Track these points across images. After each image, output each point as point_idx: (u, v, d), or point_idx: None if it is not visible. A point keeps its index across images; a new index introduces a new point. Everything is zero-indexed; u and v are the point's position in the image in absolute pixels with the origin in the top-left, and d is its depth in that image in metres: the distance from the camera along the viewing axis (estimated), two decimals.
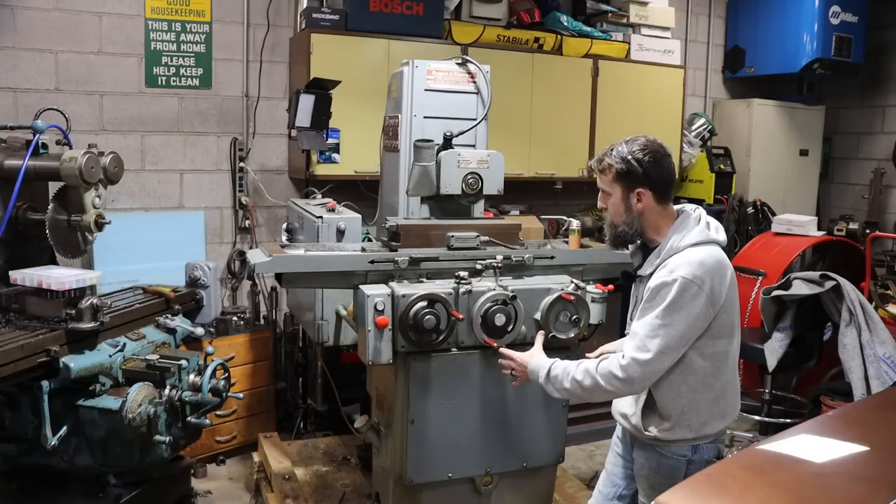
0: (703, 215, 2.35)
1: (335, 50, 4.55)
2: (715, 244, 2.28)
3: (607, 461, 2.63)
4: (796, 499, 1.86)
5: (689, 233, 2.26)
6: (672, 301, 2.16)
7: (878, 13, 6.27)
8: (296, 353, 4.77)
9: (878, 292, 4.73)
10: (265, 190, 4.98)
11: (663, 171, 2.29)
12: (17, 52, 4.35)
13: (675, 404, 2.27)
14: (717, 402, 2.31)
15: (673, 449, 2.32)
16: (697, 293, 2.16)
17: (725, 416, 2.35)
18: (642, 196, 2.28)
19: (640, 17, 5.64)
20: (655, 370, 2.20)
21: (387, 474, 3.04)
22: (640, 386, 2.23)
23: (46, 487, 3.15)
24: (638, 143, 2.29)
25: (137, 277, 4.03)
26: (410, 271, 2.89)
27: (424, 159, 3.14)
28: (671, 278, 2.17)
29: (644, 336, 2.19)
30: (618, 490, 2.55)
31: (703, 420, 2.29)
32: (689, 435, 2.29)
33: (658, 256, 2.28)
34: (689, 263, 2.18)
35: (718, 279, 2.21)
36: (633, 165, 2.26)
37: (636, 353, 2.19)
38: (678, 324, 2.17)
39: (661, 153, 2.29)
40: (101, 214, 3.13)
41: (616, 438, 2.61)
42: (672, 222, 2.32)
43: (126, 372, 3.04)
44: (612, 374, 2.21)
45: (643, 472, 2.40)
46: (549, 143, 5.28)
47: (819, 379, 5.10)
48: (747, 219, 5.89)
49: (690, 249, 2.23)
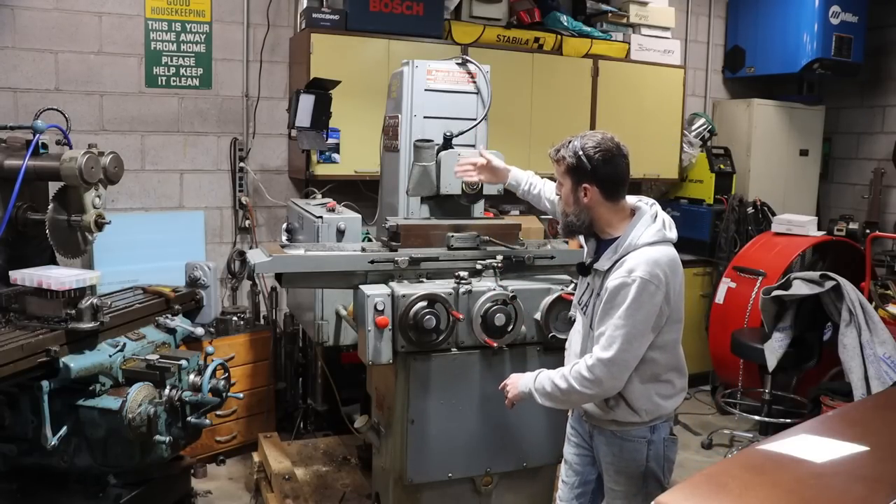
0: (658, 212, 2.41)
1: (335, 50, 4.56)
2: (669, 243, 2.35)
3: (565, 452, 2.69)
4: (796, 499, 1.86)
5: (646, 231, 2.32)
6: (632, 301, 2.23)
7: (878, 13, 6.27)
8: (296, 353, 4.77)
9: (878, 292, 4.73)
10: (265, 190, 4.98)
11: (613, 169, 2.33)
12: (17, 52, 4.35)
13: (631, 393, 2.34)
14: (669, 385, 2.41)
15: (633, 432, 2.40)
16: (655, 292, 2.24)
17: (676, 397, 2.44)
18: (588, 191, 2.34)
19: (640, 17, 5.64)
20: (621, 368, 2.27)
21: (387, 474, 3.04)
22: (609, 385, 2.29)
23: (46, 487, 3.15)
24: (593, 139, 2.34)
25: (137, 277, 4.04)
26: (410, 271, 2.89)
27: (424, 159, 3.14)
28: (630, 279, 2.23)
29: (608, 336, 2.26)
30: (581, 477, 2.62)
31: (657, 403, 2.38)
32: (646, 418, 2.38)
33: (615, 252, 2.33)
34: (647, 263, 2.25)
35: (673, 276, 2.30)
36: (583, 161, 2.32)
37: (600, 352, 2.27)
38: (639, 322, 2.24)
39: (613, 152, 2.33)
40: (101, 214, 3.12)
41: (570, 428, 2.67)
42: (625, 217, 2.38)
43: (126, 372, 3.04)
44: (581, 374, 2.29)
45: (607, 459, 2.47)
46: (549, 143, 5.11)
47: (819, 379, 5.11)
48: (747, 219, 5.88)
49: (647, 248, 2.29)
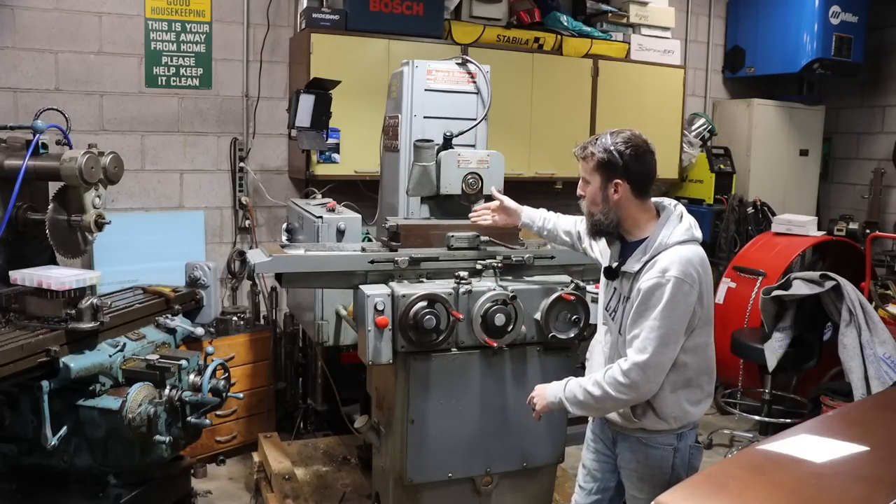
0: (683, 212, 2.38)
1: (335, 50, 4.55)
2: (698, 242, 2.33)
3: (584, 457, 2.65)
4: (796, 499, 1.86)
5: (676, 230, 2.30)
6: (668, 301, 2.19)
7: (878, 13, 6.27)
8: (296, 353, 4.77)
9: (878, 292, 4.73)
10: (265, 190, 4.98)
11: (643, 165, 2.31)
12: (17, 52, 4.35)
13: (661, 401, 2.30)
14: (698, 391, 2.37)
15: (659, 439, 2.36)
16: (689, 291, 2.21)
17: (704, 402, 2.40)
18: (619, 187, 2.31)
19: (640, 17, 5.64)
20: (657, 370, 2.23)
21: (387, 474, 3.04)
22: (645, 389, 2.24)
23: (46, 487, 3.15)
24: (622, 135, 2.32)
25: (137, 277, 4.04)
26: (410, 271, 2.89)
27: (424, 159, 3.14)
28: (665, 279, 2.20)
29: (643, 338, 2.22)
30: (599, 484, 2.58)
31: (686, 409, 2.34)
32: (674, 426, 2.34)
33: (644, 252, 2.29)
34: (681, 262, 2.22)
35: (705, 276, 2.27)
36: (615, 157, 2.29)
37: (636, 355, 2.22)
38: (675, 323, 2.21)
39: (643, 148, 2.32)
40: (101, 214, 3.12)
41: (591, 434, 2.63)
42: (652, 217, 2.36)
43: (126, 372, 3.04)
44: (616, 380, 2.24)
45: (630, 466, 2.43)
46: (549, 143, 5.27)
47: (819, 379, 5.11)
48: (747, 219, 5.88)
49: (678, 247, 2.26)
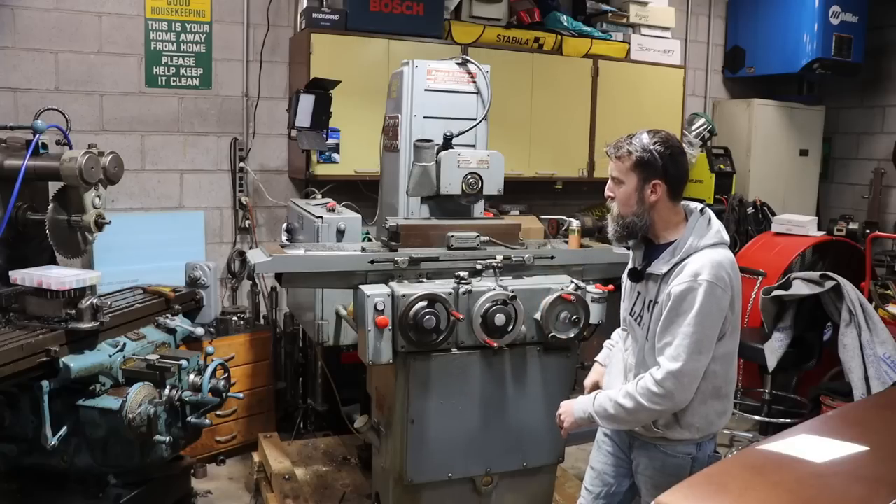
0: (712, 216, 2.34)
1: (335, 50, 4.55)
2: (726, 246, 2.29)
3: (593, 460, 2.61)
4: (796, 499, 1.86)
5: (707, 233, 2.26)
6: (701, 306, 2.15)
7: (878, 13, 6.27)
8: (296, 353, 4.77)
9: (878, 292, 4.72)
10: (265, 190, 4.98)
11: (680, 167, 2.30)
12: (17, 52, 4.35)
13: (688, 409, 2.25)
14: (726, 401, 2.33)
15: (679, 448, 2.31)
16: (722, 295, 2.17)
17: (727, 413, 2.36)
18: (657, 188, 2.27)
19: (640, 17, 5.64)
20: (692, 378, 2.18)
21: (387, 474, 3.04)
22: (680, 398, 2.19)
23: (46, 487, 3.15)
24: (660, 135, 2.29)
25: (137, 277, 4.03)
26: (410, 271, 2.89)
27: (424, 159, 3.14)
28: (697, 283, 2.16)
29: (676, 345, 2.17)
30: (609, 488, 2.54)
31: (710, 420, 2.30)
32: (696, 435, 2.30)
33: (673, 255, 2.25)
34: (712, 265, 2.18)
35: (736, 280, 2.23)
36: (654, 157, 2.25)
37: (669, 363, 2.17)
38: (708, 328, 2.17)
39: (679, 149, 2.31)
40: (101, 214, 3.12)
41: (604, 437, 2.59)
42: (681, 221, 2.32)
43: (126, 372, 3.04)
44: (649, 390, 2.19)
45: (647, 473, 2.38)
46: (549, 143, 5.28)
47: (819, 379, 5.10)
48: (747, 219, 5.88)
49: (709, 250, 2.23)
